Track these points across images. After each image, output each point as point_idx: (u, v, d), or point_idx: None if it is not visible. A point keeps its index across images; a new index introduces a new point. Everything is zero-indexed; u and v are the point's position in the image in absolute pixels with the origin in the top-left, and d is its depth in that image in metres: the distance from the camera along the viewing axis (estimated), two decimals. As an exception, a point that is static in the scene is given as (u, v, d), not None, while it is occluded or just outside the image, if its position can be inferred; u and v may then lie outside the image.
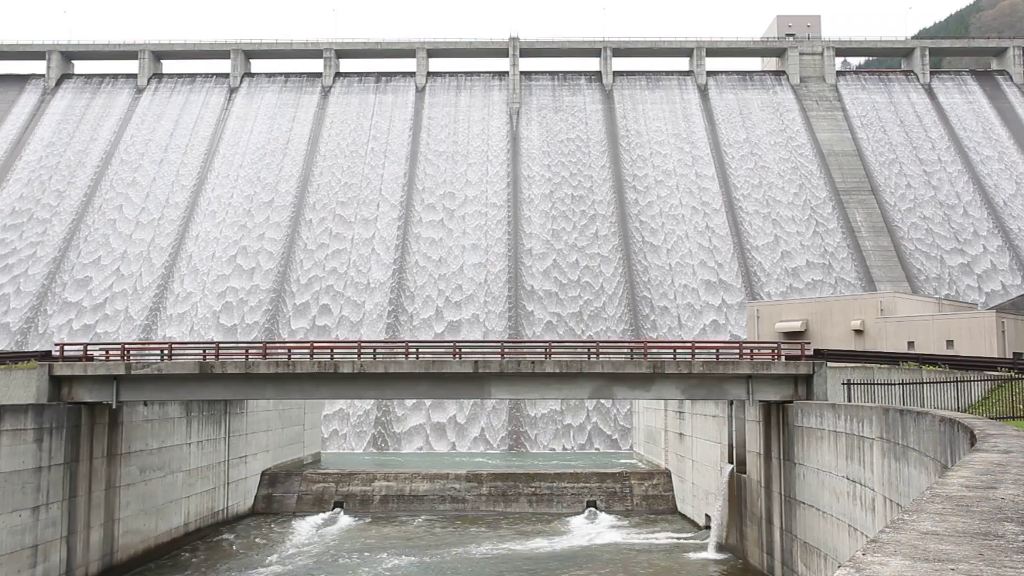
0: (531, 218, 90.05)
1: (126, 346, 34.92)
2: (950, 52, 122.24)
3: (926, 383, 32.92)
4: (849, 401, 32.63)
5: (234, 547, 38.66)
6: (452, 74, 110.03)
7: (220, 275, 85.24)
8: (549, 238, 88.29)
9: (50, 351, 43.01)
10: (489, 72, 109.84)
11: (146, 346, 39.15)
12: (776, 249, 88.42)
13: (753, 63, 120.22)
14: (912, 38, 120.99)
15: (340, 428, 72.47)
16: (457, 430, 72.09)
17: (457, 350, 33.06)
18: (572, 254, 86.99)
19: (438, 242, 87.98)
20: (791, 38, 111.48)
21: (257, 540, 39.99)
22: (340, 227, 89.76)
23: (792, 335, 57.16)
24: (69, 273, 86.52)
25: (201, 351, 35.02)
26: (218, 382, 32.72)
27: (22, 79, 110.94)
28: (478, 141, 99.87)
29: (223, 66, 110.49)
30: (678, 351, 33.98)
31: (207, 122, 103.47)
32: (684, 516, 44.90)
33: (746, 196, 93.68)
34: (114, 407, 32.88)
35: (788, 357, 33.96)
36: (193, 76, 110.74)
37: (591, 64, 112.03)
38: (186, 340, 76.58)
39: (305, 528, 42.19)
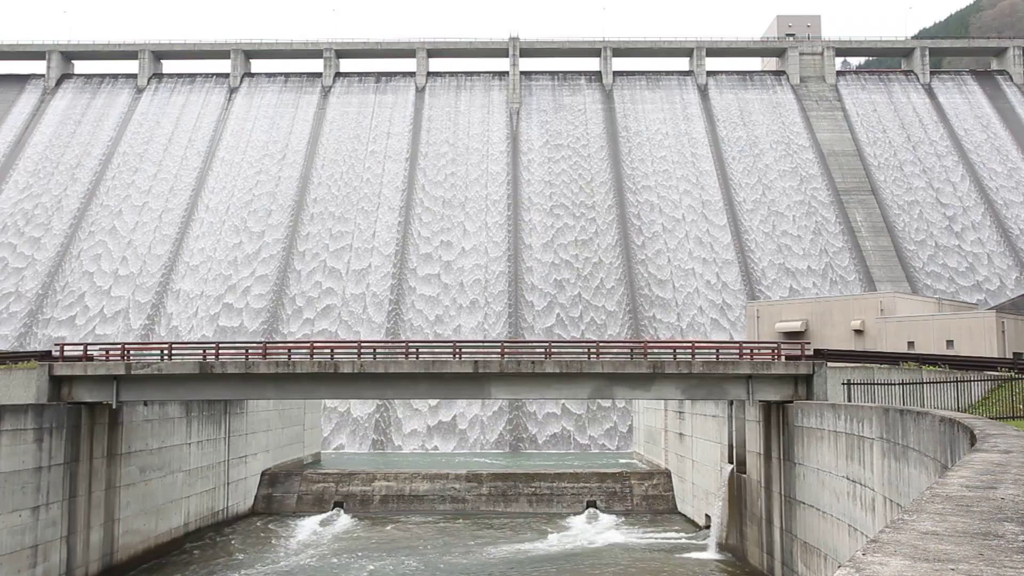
0: (533, 268, 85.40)
1: (126, 346, 34.91)
2: (950, 52, 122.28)
3: (926, 383, 32.92)
4: (849, 401, 32.64)
5: (234, 547, 38.64)
6: (452, 74, 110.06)
7: (202, 336, 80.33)
8: (552, 291, 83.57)
9: (50, 351, 43.03)
10: (489, 72, 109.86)
11: (146, 346, 39.15)
12: (776, 249, 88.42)
13: (753, 63, 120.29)
14: (912, 38, 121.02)
15: (340, 428, 72.44)
16: (457, 430, 72.07)
17: (457, 350, 33.05)
18: (576, 307, 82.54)
19: (435, 299, 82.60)
20: (791, 38, 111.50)
21: (257, 540, 39.99)
22: (331, 280, 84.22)
23: (792, 335, 57.16)
24: (42, 331, 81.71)
25: (201, 351, 35.02)
26: (218, 382, 32.72)
27: (22, 79, 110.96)
28: (478, 143, 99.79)
29: (223, 66, 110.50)
30: (678, 351, 33.96)
31: (206, 124, 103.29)
32: (684, 516, 44.89)
33: (746, 196, 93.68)
34: (114, 407, 32.87)
35: (788, 357, 33.95)
36: (193, 76, 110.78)
37: (591, 64, 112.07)
38: (186, 340, 76.46)
39: (305, 528, 42.17)
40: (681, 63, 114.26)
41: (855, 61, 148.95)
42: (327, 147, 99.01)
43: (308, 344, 35.42)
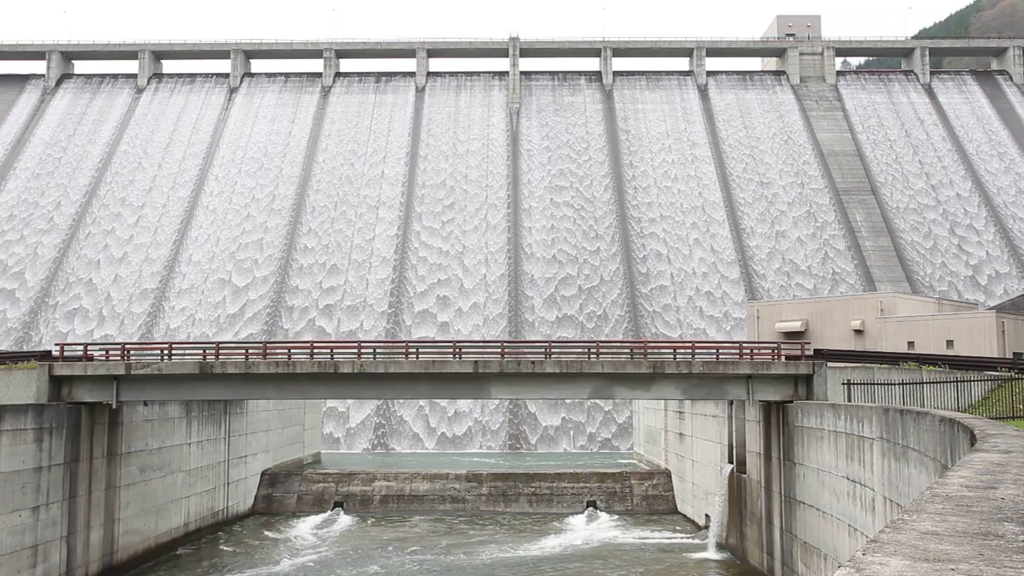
0: (533, 314, 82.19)
1: (126, 346, 34.90)
2: (950, 52, 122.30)
3: (926, 383, 32.91)
4: (849, 401, 32.63)
5: (234, 547, 38.64)
6: (452, 74, 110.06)
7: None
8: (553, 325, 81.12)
9: (50, 351, 43.01)
10: (489, 72, 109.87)
11: (146, 346, 39.15)
12: (776, 249, 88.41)
13: (753, 63, 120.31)
14: (912, 38, 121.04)
15: (339, 428, 72.39)
16: (457, 430, 72.05)
17: (457, 350, 33.03)
18: (574, 327, 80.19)
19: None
20: (791, 38, 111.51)
21: (257, 540, 39.98)
22: (323, 324, 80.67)
23: (792, 335, 57.15)
24: (45, 327, 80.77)
25: (201, 351, 35.00)
26: (218, 382, 32.70)
27: (22, 79, 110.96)
28: (478, 143, 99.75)
29: (223, 66, 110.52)
30: (678, 351, 33.95)
31: (206, 124, 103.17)
32: (684, 516, 44.89)
33: (746, 196, 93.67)
34: (114, 407, 32.86)
35: (788, 357, 33.94)
36: (193, 76, 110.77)
37: (591, 64, 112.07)
38: (186, 340, 76.32)
39: (305, 528, 42.17)
40: (681, 63, 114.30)
41: (855, 61, 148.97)
42: (324, 156, 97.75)
43: (308, 344, 35.40)
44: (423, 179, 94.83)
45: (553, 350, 33.76)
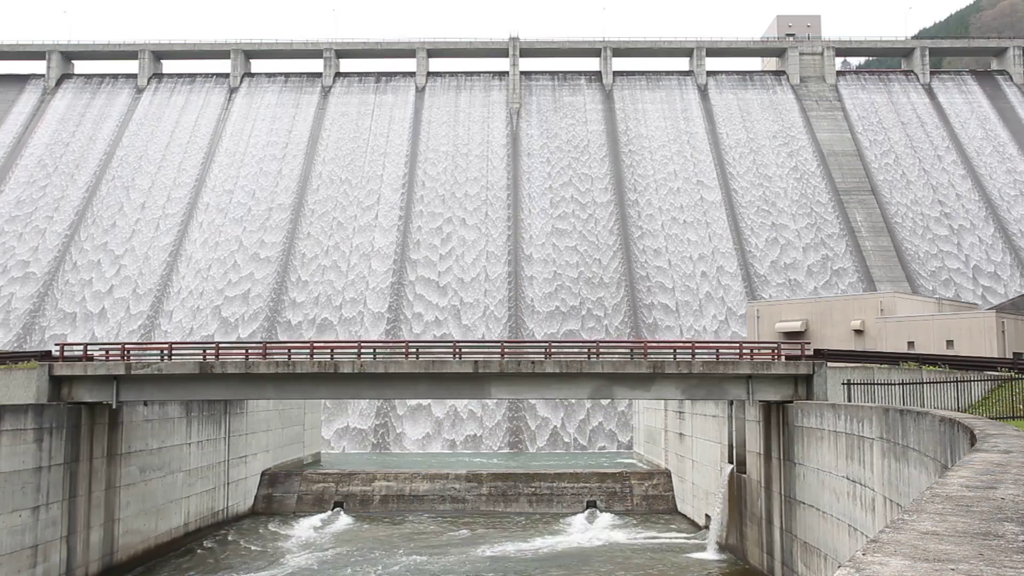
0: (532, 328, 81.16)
1: (126, 346, 34.88)
2: (950, 52, 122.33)
3: (926, 383, 32.89)
4: (849, 401, 32.62)
5: (234, 547, 38.63)
6: (452, 74, 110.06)
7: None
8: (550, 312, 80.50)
9: (50, 351, 43.00)
10: (489, 72, 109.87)
11: (146, 346, 39.14)
12: (776, 249, 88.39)
13: (753, 63, 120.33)
14: (912, 38, 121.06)
15: (339, 428, 72.35)
16: (457, 430, 72.03)
17: (457, 350, 33.02)
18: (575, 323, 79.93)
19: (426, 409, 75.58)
20: (791, 38, 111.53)
21: (257, 540, 39.97)
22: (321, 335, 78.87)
23: (792, 335, 57.13)
24: (40, 336, 79.89)
25: (201, 351, 34.98)
26: (218, 382, 32.69)
27: (22, 79, 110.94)
28: (478, 142, 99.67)
29: (223, 66, 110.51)
30: (678, 351, 33.93)
31: (206, 125, 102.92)
32: (684, 516, 44.89)
33: (746, 196, 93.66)
34: (114, 407, 32.85)
35: (788, 357, 33.93)
36: (193, 76, 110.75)
37: (591, 64, 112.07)
38: (186, 340, 76.18)
39: (305, 528, 42.16)
40: (681, 63, 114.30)
41: (855, 61, 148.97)
42: (315, 204, 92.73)
43: (308, 344, 35.38)
44: (419, 223, 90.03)
45: (553, 350, 33.74)
